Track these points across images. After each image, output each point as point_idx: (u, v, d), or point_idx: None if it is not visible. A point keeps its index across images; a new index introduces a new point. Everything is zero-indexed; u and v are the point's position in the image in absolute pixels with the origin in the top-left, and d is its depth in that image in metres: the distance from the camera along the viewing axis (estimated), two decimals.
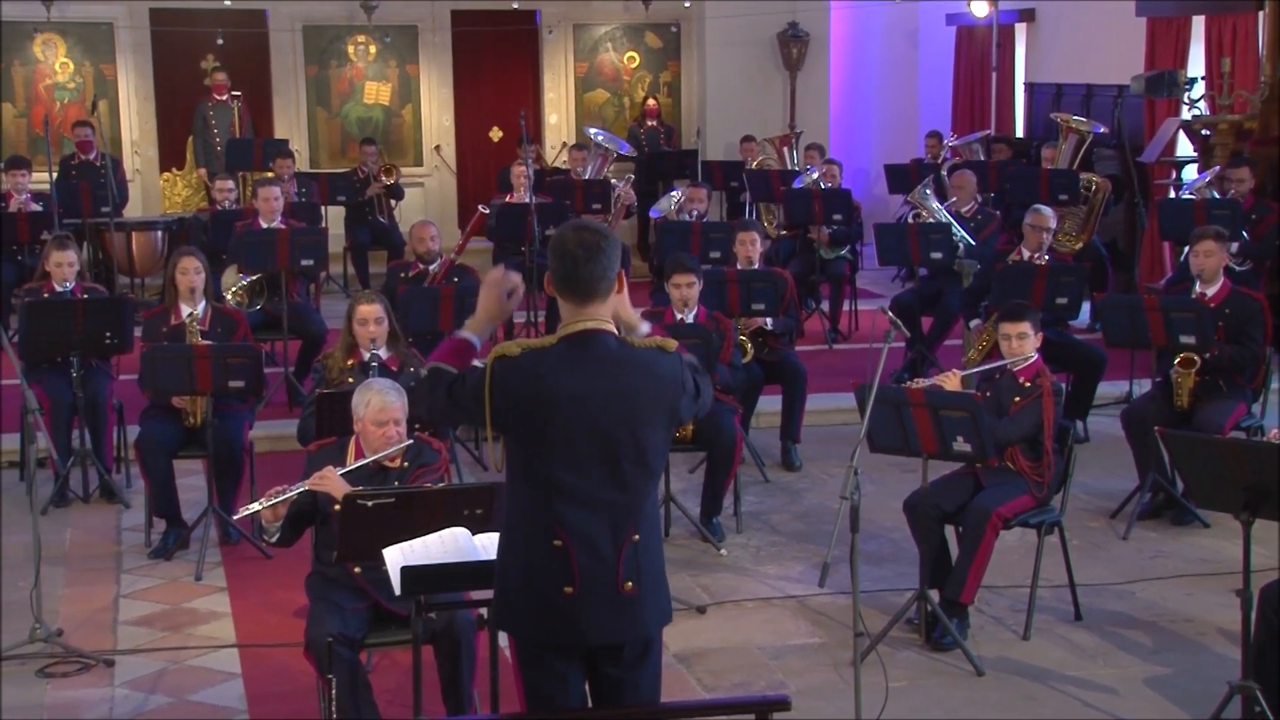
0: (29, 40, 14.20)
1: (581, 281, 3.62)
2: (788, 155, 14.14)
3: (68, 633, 5.99)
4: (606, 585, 3.61)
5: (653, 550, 3.71)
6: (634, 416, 3.62)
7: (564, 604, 3.61)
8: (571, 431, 3.58)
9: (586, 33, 15.60)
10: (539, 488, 3.62)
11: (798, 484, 8.21)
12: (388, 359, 6.74)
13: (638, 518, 3.66)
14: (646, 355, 3.67)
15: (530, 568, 3.64)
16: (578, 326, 3.65)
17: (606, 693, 3.73)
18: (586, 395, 3.58)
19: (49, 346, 7.65)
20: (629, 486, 3.64)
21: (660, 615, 3.74)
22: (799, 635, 6.10)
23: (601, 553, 3.61)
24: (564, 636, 3.64)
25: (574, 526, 3.60)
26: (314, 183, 12.81)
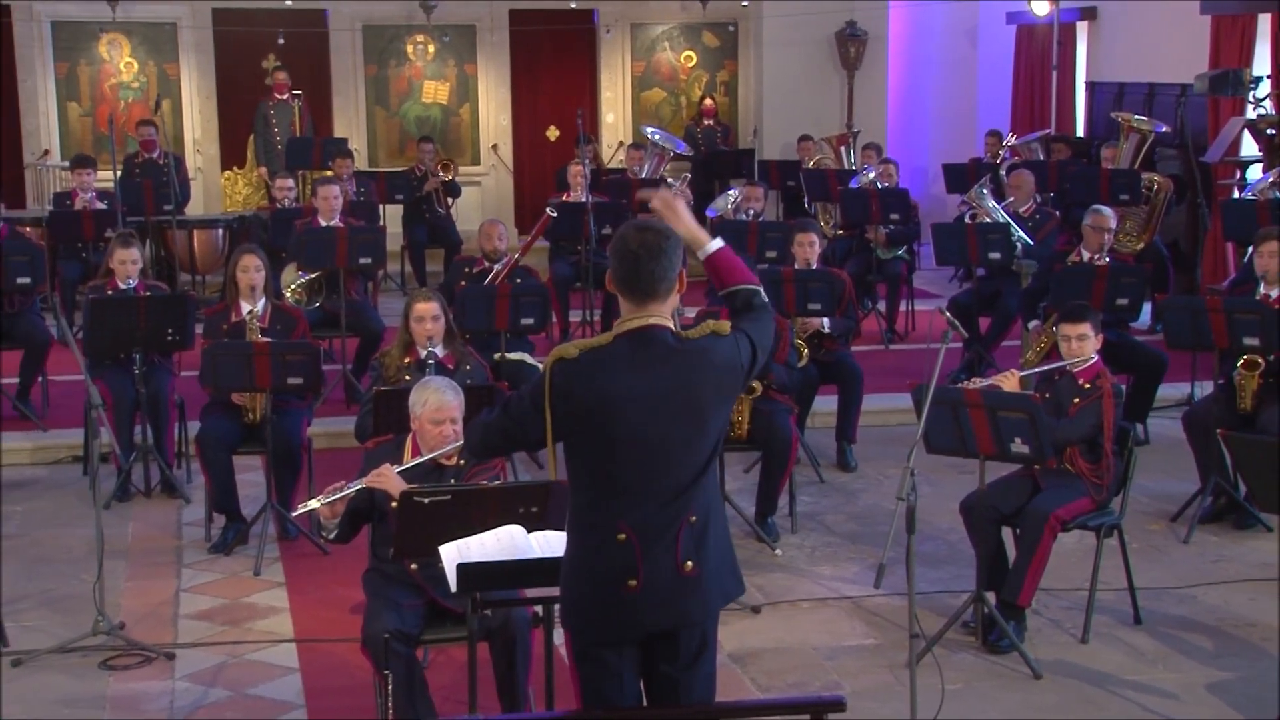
0: (95, 40, 14.40)
1: (643, 281, 3.62)
2: (845, 154, 14.08)
3: (129, 626, 6.07)
4: (667, 569, 3.63)
5: (713, 529, 3.71)
6: (694, 410, 3.64)
7: (629, 598, 3.62)
8: (632, 429, 3.59)
9: (644, 32, 15.61)
10: (601, 484, 3.64)
11: (853, 485, 8.18)
12: (444, 357, 6.77)
13: (695, 499, 3.67)
14: (703, 345, 3.68)
15: (596, 565, 3.66)
16: (635, 324, 3.65)
17: (661, 691, 3.74)
18: (647, 393, 3.60)
19: (112, 343, 7.74)
20: (689, 475, 3.66)
21: (723, 593, 3.74)
22: (854, 636, 6.08)
23: (662, 540, 3.63)
24: (629, 631, 3.66)
25: (636, 519, 3.62)
26: (372, 181, 12.90)
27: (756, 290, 3.85)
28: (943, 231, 10.27)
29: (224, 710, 5.39)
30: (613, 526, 3.63)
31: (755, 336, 3.76)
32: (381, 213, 12.41)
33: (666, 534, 3.63)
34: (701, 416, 3.65)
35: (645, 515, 3.62)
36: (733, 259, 3.85)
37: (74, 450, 8.45)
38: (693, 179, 14.19)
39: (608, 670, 3.68)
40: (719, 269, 3.84)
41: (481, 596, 4.42)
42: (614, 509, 3.63)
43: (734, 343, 3.72)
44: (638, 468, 3.61)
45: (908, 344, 11.24)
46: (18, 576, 6.66)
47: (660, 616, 3.65)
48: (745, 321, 3.78)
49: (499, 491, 4.75)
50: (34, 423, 8.81)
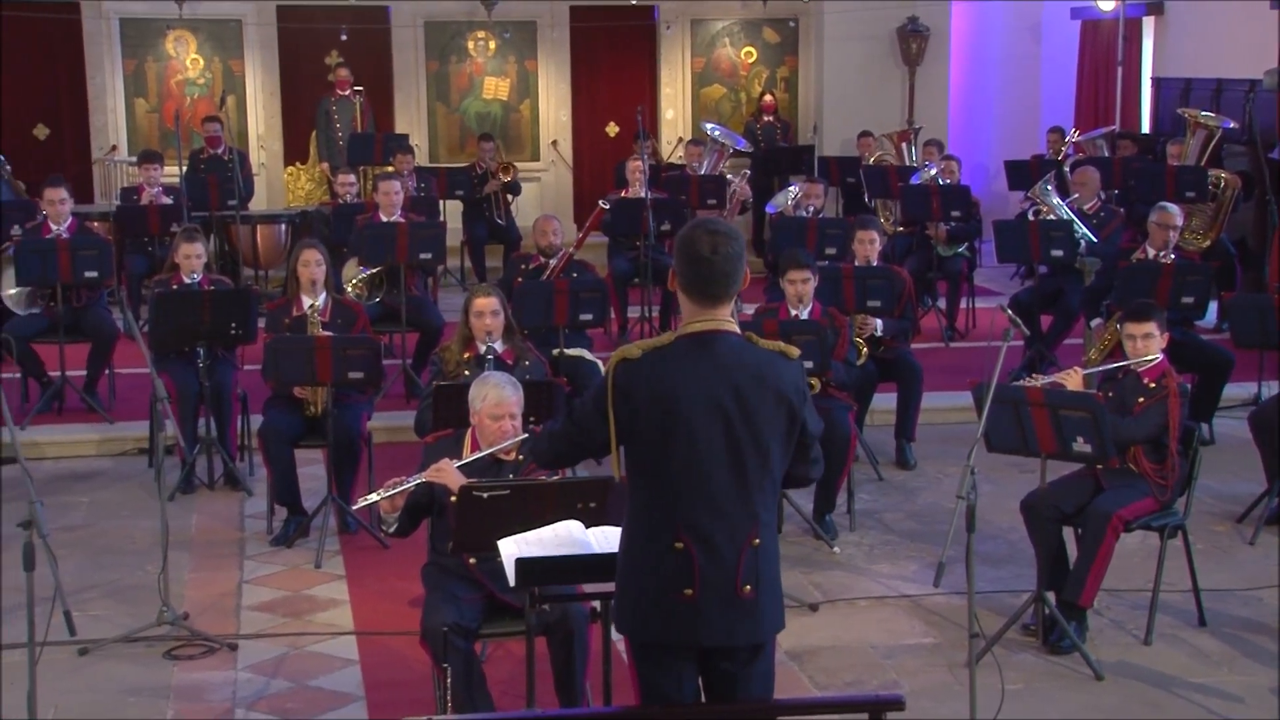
0: (161, 37, 14.56)
1: (714, 286, 3.61)
2: (906, 151, 14.00)
3: (193, 616, 6.14)
4: (725, 588, 3.61)
5: (771, 556, 3.70)
6: (756, 417, 3.60)
7: (683, 606, 3.61)
8: (694, 431, 3.58)
9: (704, 28, 15.59)
10: (661, 489, 3.63)
11: (912, 483, 8.14)
12: (503, 352, 6.79)
13: (759, 522, 3.64)
14: (769, 357, 3.65)
15: (651, 569, 3.65)
16: (699, 326, 3.64)
17: (720, 688, 3.73)
18: (708, 394, 3.58)
19: (177, 337, 7.83)
20: (751, 490, 3.62)
21: (775, 622, 3.73)
22: (913, 635, 6.05)
23: (722, 555, 3.60)
24: (681, 637, 3.64)
25: (696, 529, 3.60)
26: (433, 177, 12.96)
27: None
28: (1005, 228, 10.19)
29: (285, 701, 5.44)
30: (671, 533, 3.61)
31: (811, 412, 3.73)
32: (442, 208, 12.47)
33: (728, 554, 3.61)
34: (758, 428, 3.60)
35: (706, 529, 3.60)
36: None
37: (139, 442, 8.56)
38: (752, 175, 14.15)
39: (666, 667, 3.68)
40: None
41: (540, 591, 4.43)
42: (672, 515, 3.62)
43: (799, 370, 3.70)
44: (696, 473, 3.59)
45: (968, 342, 11.17)
46: (84, 567, 6.76)
47: (715, 633, 3.63)
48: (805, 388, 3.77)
49: (558, 487, 4.76)
50: (101, 415, 8.93)
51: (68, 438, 8.70)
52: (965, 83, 15.88)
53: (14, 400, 8.90)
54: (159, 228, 10.94)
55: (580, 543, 4.42)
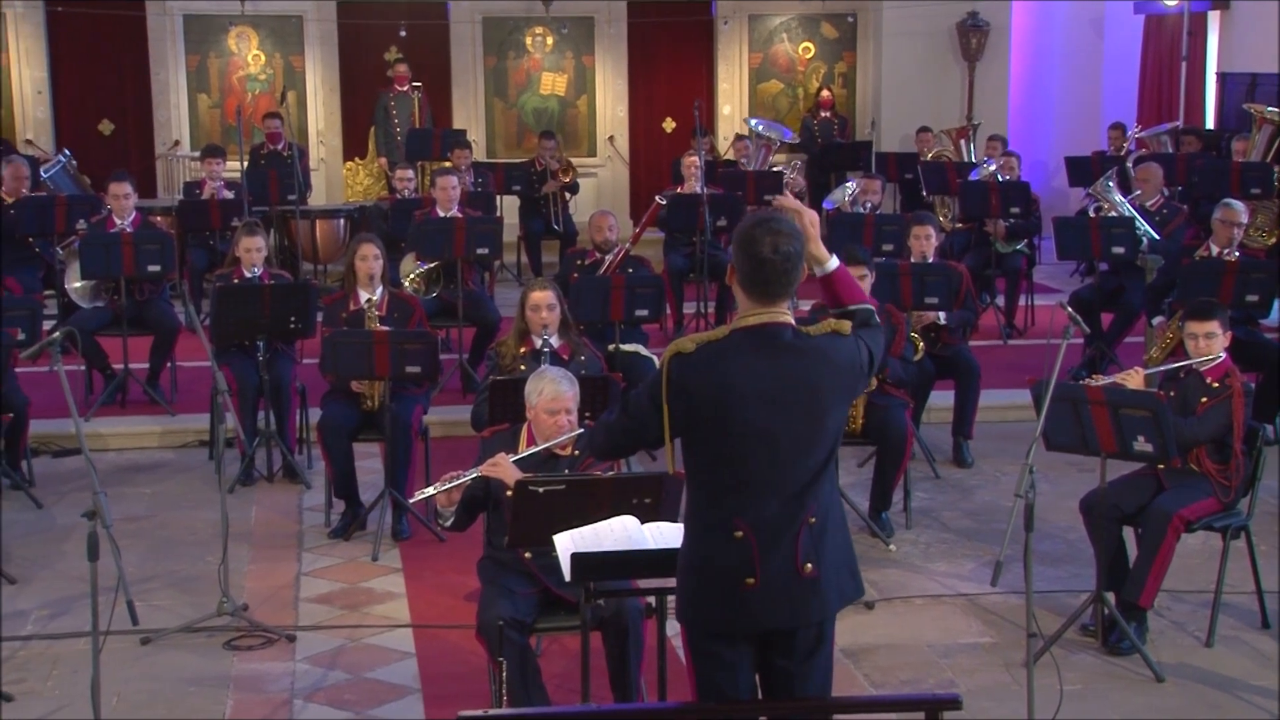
0: (224, 33, 14.72)
1: (773, 285, 3.60)
2: (965, 147, 13.90)
3: (252, 608, 6.20)
4: (786, 570, 3.61)
5: (832, 530, 3.68)
6: (813, 407, 3.60)
7: (746, 595, 3.61)
8: (749, 423, 3.57)
9: (762, 23, 15.56)
10: (718, 481, 3.63)
11: (969, 481, 8.08)
12: (559, 347, 6.81)
13: (814, 499, 3.64)
14: (823, 344, 3.65)
15: (712, 560, 3.64)
16: (755, 320, 3.63)
17: (777, 685, 3.72)
18: (764, 388, 3.57)
19: (238, 330, 7.90)
20: (807, 474, 3.63)
21: (841, 595, 3.71)
22: (969, 634, 6.01)
23: (781, 539, 3.61)
24: (746, 626, 3.64)
25: (753, 516, 3.60)
26: (490, 173, 13.02)
27: (871, 311, 3.81)
28: (1065, 225, 10.10)
29: (343, 692, 5.48)
30: (729, 523, 3.61)
31: (872, 346, 3.74)
32: (499, 204, 12.52)
33: (785, 534, 3.61)
34: (819, 414, 3.62)
35: (762, 513, 3.60)
36: (849, 279, 3.83)
37: (200, 435, 8.64)
38: (809, 171, 14.12)
39: (723, 663, 3.68)
40: (836, 288, 3.81)
41: (595, 586, 4.44)
42: (730, 506, 3.62)
43: (855, 344, 3.69)
44: (754, 463, 3.59)
45: (1027, 339, 11.08)
46: (146, 557, 6.84)
47: (778, 616, 3.63)
48: (863, 334, 3.77)
49: (613, 482, 4.77)
50: (163, 407, 9.03)
51: (130, 429, 8.81)
52: (1025, 78, 15.75)
53: (79, 392, 9.01)
54: (220, 222, 11.05)
55: (635, 538, 4.43)
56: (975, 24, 14.99)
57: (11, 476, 7.71)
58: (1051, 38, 15.92)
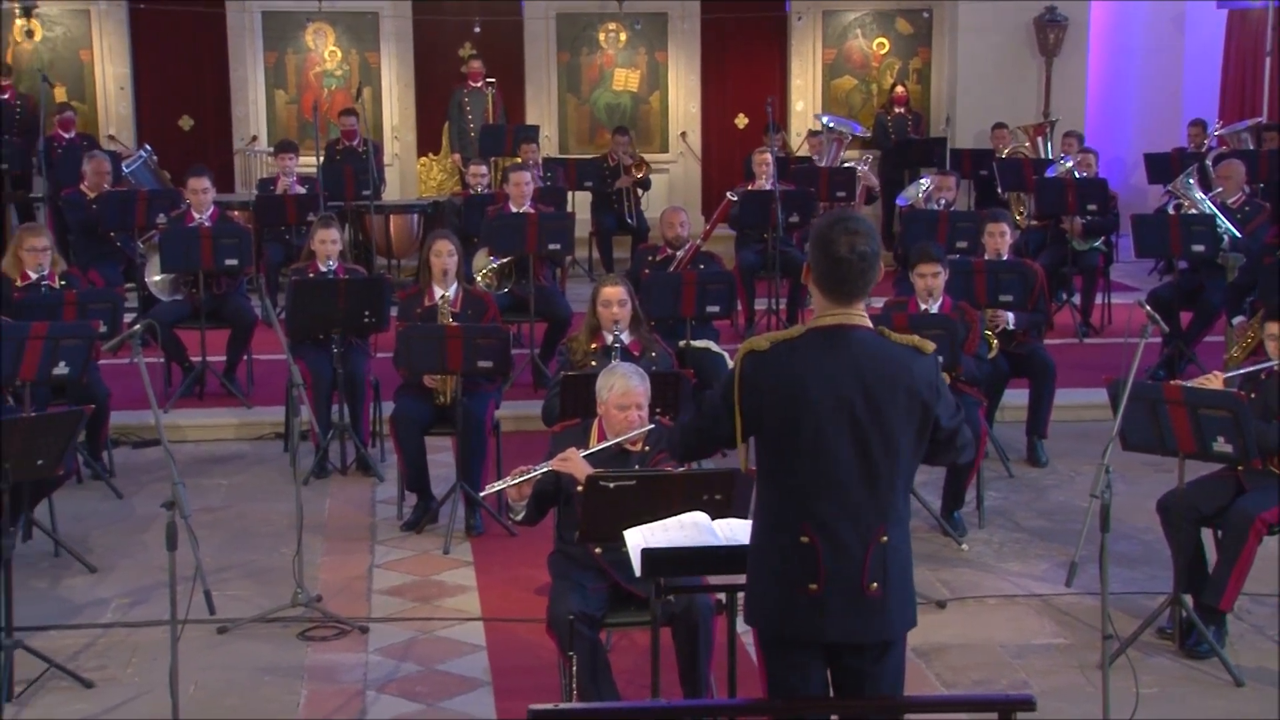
0: (301, 30, 14.87)
1: (850, 285, 3.58)
2: (1042, 144, 13.76)
3: (326, 599, 6.26)
4: (851, 585, 3.58)
5: (901, 553, 3.65)
6: (885, 413, 3.56)
7: (808, 600, 3.58)
8: (822, 425, 3.54)
9: (836, 19, 15.48)
10: (787, 483, 3.61)
11: (1043, 480, 8.00)
12: (630, 343, 6.82)
13: (887, 519, 3.60)
14: (902, 353, 3.60)
15: (777, 563, 3.63)
16: (829, 320, 3.61)
17: (848, 684, 3.70)
18: (837, 388, 3.54)
19: (313, 324, 7.99)
20: (880, 486, 3.58)
21: (904, 620, 3.68)
22: (1043, 635, 5.95)
23: (848, 551, 3.57)
24: (807, 632, 3.62)
25: (822, 523, 3.57)
26: (561, 168, 13.05)
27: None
28: (1144, 223, 9.97)
29: (414, 684, 5.52)
30: (796, 527, 3.59)
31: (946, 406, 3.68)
32: (571, 199, 12.55)
33: (855, 550, 3.57)
34: (889, 424, 3.56)
35: (832, 523, 3.57)
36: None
37: (276, 427, 8.74)
38: (882, 168, 14.04)
39: (794, 662, 3.66)
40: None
41: (665, 582, 4.44)
42: (798, 509, 3.59)
43: (933, 365, 3.64)
44: (823, 467, 3.56)
45: (1103, 338, 10.96)
46: (223, 547, 6.93)
47: (842, 629, 3.60)
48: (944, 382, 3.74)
49: (684, 478, 4.77)
50: (239, 400, 9.15)
51: (208, 421, 8.93)
52: (1104, 74, 15.55)
53: (157, 384, 9.14)
54: (296, 217, 11.17)
55: (706, 534, 4.42)
56: (1053, 19, 14.83)
57: (93, 466, 7.84)
58: (1131, 33, 15.70)
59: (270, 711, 5.29)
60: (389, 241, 12.53)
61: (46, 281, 8.08)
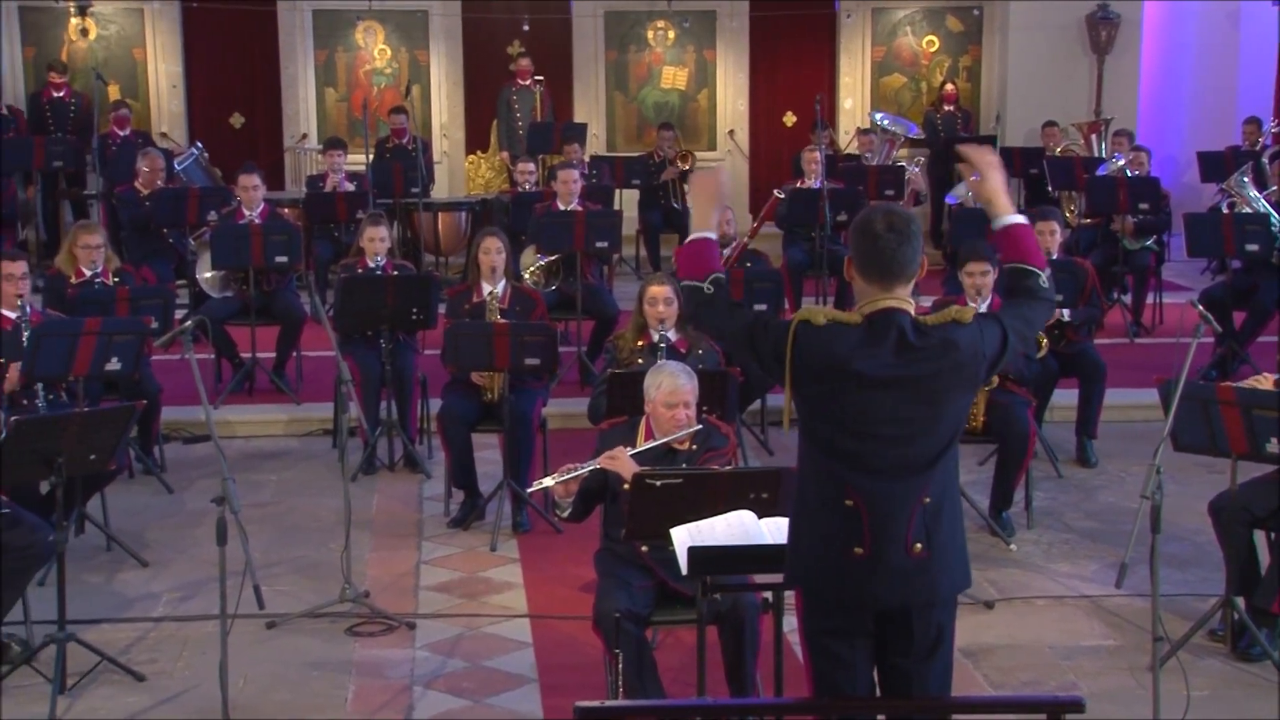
0: (351, 28, 14.95)
1: (889, 264, 3.58)
2: (1095, 142, 13.64)
3: (373, 594, 6.30)
4: (896, 548, 3.58)
5: (946, 514, 3.64)
6: (931, 397, 3.58)
7: (853, 564, 3.59)
8: (865, 409, 3.56)
9: (885, 16, 15.41)
10: (830, 450, 3.62)
11: (1093, 481, 7.94)
12: (677, 341, 6.81)
13: (930, 481, 3.61)
14: (944, 335, 3.61)
15: (821, 527, 3.64)
16: (874, 306, 3.61)
17: (895, 683, 3.69)
18: (883, 378, 3.55)
19: (361, 320, 8.03)
20: (923, 451, 3.60)
21: (953, 580, 3.67)
22: (1092, 636, 5.91)
23: (892, 515, 3.58)
24: (853, 596, 3.61)
25: (865, 489, 3.58)
26: (607, 165, 13.06)
27: (1040, 274, 3.79)
28: (1197, 221, 9.87)
29: (461, 680, 5.54)
30: (840, 492, 3.60)
31: (1012, 324, 3.69)
32: (618, 197, 12.56)
33: (899, 512, 3.58)
34: (937, 403, 3.59)
35: (875, 487, 3.58)
36: (1030, 237, 3.85)
37: (324, 423, 8.80)
38: (931, 166, 13.97)
39: (840, 660, 3.65)
40: (1014, 241, 3.83)
41: (711, 580, 4.44)
42: (841, 475, 3.60)
43: (977, 331, 3.65)
44: (867, 445, 3.58)
45: (1155, 338, 10.85)
46: (272, 542, 6.98)
47: (887, 593, 3.60)
48: (1014, 307, 3.76)
49: (730, 476, 4.77)
50: (288, 396, 9.21)
51: (257, 417, 9.00)
52: (1157, 71, 15.39)
53: (208, 380, 9.21)
54: (345, 214, 11.23)
55: (753, 533, 4.42)
56: (1105, 16, 14.70)
57: (144, 461, 7.92)
58: (1185, 30, 15.53)
59: (318, 706, 5.33)
60: (437, 239, 12.58)
61: (100, 278, 8.18)
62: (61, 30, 14.52)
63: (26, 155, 12.56)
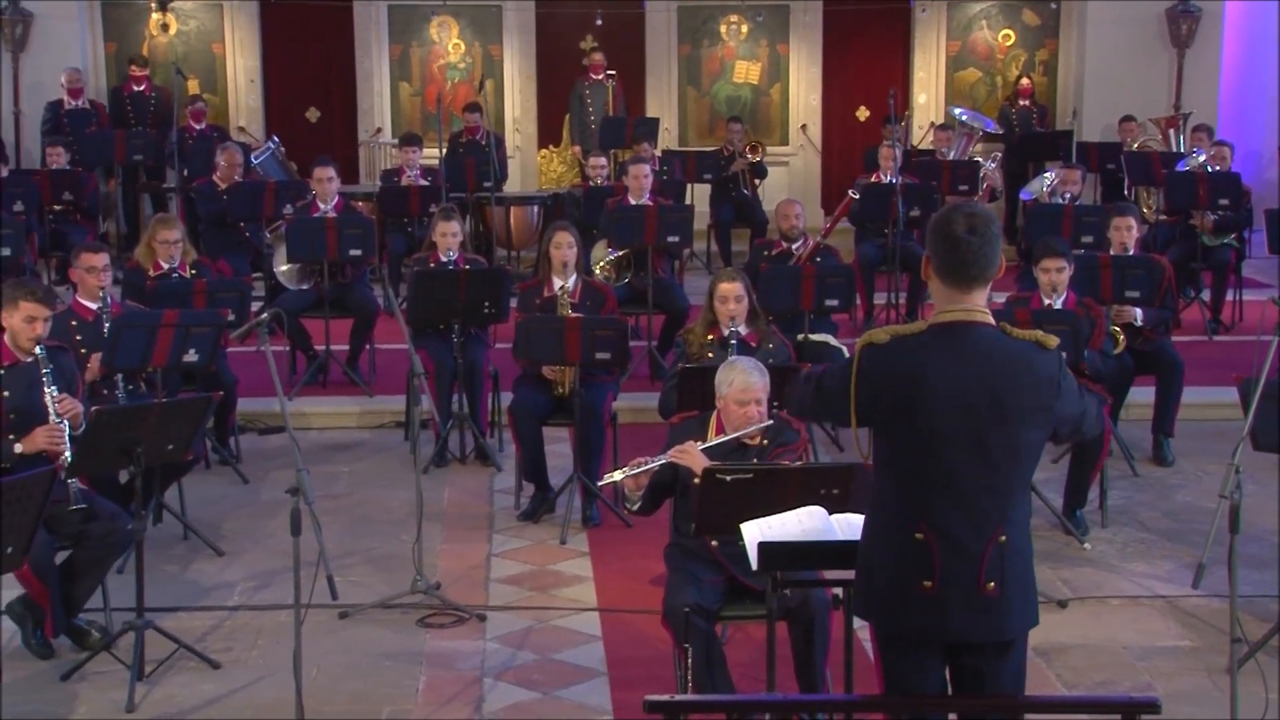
0: (426, 23, 15.05)
1: (970, 266, 3.53)
2: (1174, 137, 13.44)
3: (444, 586, 6.33)
4: (968, 583, 3.53)
5: (1020, 553, 3.59)
6: (1005, 411, 3.51)
7: (923, 597, 3.55)
8: (938, 422, 3.50)
9: (961, 11, 15.27)
10: (904, 479, 3.58)
11: (1170, 480, 7.84)
12: (747, 335, 6.81)
13: (1006, 519, 3.55)
14: (1023, 349, 3.55)
15: (891, 558, 3.60)
16: (951, 316, 3.56)
17: (967, 682, 3.66)
18: (955, 386, 3.50)
19: (434, 314, 8.08)
20: (998, 485, 3.53)
21: (1024, 618, 3.63)
22: (1168, 637, 5.83)
23: (965, 550, 3.53)
24: (922, 630, 3.58)
25: (937, 521, 3.53)
26: (679, 160, 13.05)
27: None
28: (1278, 218, 9.69)
29: (531, 673, 5.57)
30: (912, 524, 3.55)
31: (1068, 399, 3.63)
32: (689, 192, 12.55)
33: (972, 548, 3.53)
34: (1010, 422, 3.51)
35: (947, 522, 3.53)
36: None
37: (397, 416, 8.86)
38: (1006, 161, 13.82)
39: (912, 659, 3.63)
40: None
41: (782, 576, 4.43)
42: (913, 506, 3.56)
43: (1056, 360, 3.59)
44: (940, 465, 3.52)
45: (1234, 335, 10.68)
46: (345, 534, 7.05)
47: (959, 627, 3.56)
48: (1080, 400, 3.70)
49: (801, 472, 4.76)
50: (361, 388, 9.29)
51: (331, 409, 9.08)
52: (1239, 65, 15.13)
53: (282, 372, 9.33)
54: (419, 208, 11.31)
55: (823, 529, 4.41)
56: (1186, 10, 14.47)
57: (220, 452, 8.03)
58: (1268, 23, 15.22)
59: (390, 696, 5.38)
60: (509, 233, 12.63)
61: (178, 271, 8.29)
62: (142, 26, 14.73)
63: (108, 149, 12.78)
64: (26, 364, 5.79)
